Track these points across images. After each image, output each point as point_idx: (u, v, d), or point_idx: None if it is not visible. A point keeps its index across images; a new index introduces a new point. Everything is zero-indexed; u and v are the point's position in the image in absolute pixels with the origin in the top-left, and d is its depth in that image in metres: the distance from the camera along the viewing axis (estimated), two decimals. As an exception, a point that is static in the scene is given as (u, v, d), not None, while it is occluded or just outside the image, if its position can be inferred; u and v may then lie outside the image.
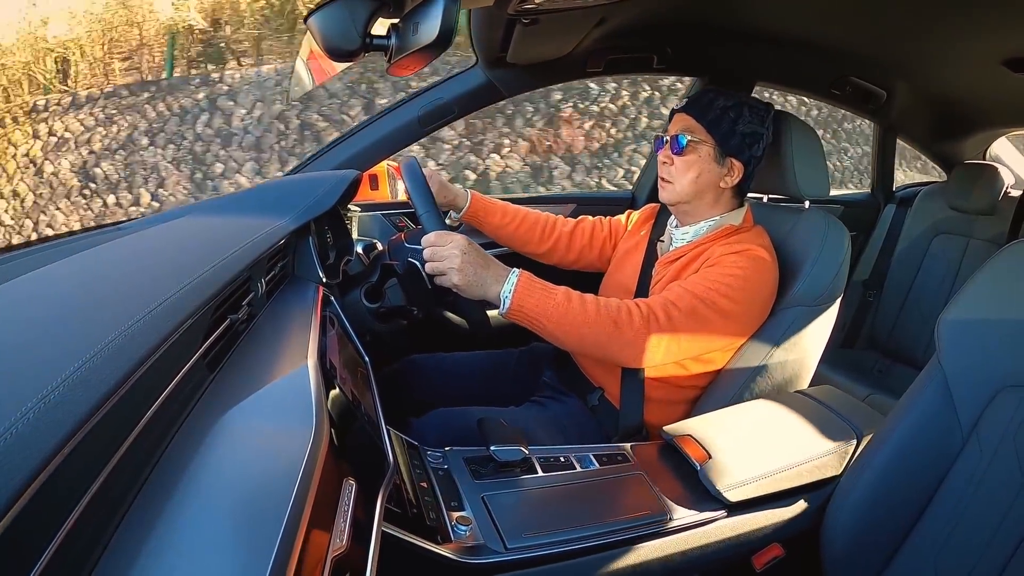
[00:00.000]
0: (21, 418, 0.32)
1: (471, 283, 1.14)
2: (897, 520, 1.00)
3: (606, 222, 1.63)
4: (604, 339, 1.16)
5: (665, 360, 1.22)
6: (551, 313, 1.15)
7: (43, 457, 0.31)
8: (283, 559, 0.39)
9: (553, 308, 1.15)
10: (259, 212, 1.04)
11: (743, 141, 1.29)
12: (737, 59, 1.82)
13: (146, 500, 0.42)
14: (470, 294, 1.16)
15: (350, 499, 0.55)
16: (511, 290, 1.15)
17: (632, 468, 1.09)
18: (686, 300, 1.19)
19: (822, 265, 1.28)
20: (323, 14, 0.86)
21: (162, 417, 0.49)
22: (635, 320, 1.16)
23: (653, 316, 1.17)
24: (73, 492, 0.36)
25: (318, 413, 0.56)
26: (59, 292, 0.61)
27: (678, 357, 1.24)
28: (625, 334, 1.16)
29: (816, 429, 1.14)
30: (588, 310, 1.15)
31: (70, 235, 1.33)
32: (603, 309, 1.16)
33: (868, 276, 2.56)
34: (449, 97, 1.69)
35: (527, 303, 1.15)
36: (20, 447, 0.31)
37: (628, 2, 1.22)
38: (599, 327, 1.15)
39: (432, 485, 0.96)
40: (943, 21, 1.45)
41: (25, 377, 0.37)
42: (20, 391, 0.34)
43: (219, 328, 0.67)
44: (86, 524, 0.36)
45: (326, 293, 1.02)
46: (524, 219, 1.59)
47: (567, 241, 1.60)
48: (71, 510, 0.35)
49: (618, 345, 1.17)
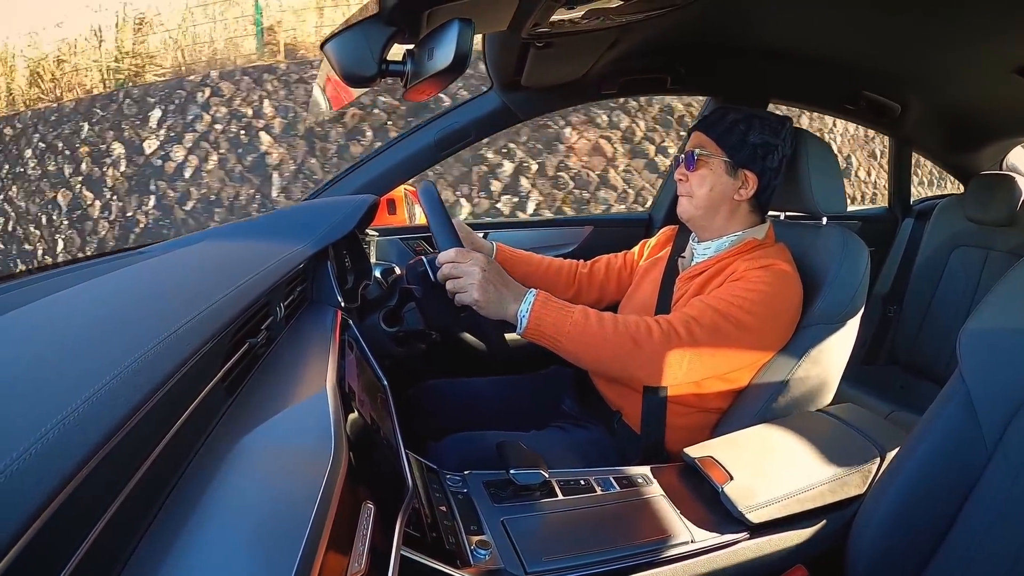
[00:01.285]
0: (41, 438, 0.32)
1: (490, 300, 1.14)
2: (923, 538, 0.98)
3: (620, 256, 1.64)
4: (623, 357, 1.15)
5: (686, 378, 1.20)
6: (569, 331, 1.15)
7: (62, 477, 0.31)
8: (301, 583, 0.38)
9: (571, 326, 1.14)
10: (278, 237, 1.05)
11: (755, 152, 1.29)
12: (750, 77, 1.83)
13: (164, 522, 0.42)
14: (488, 312, 1.16)
15: (369, 522, 0.55)
16: (528, 309, 1.15)
17: (653, 491, 1.07)
18: (708, 316, 1.18)
19: (842, 282, 1.27)
20: (339, 41, 0.88)
21: (181, 439, 0.49)
22: (655, 336, 1.15)
23: (674, 332, 1.16)
24: (92, 512, 0.36)
25: (336, 437, 0.56)
26: (83, 314, 0.62)
27: (700, 375, 1.22)
28: (645, 351, 1.15)
29: (838, 448, 1.12)
30: (606, 328, 1.15)
31: (94, 258, 1.35)
32: (622, 326, 1.15)
33: (888, 291, 2.53)
34: (465, 121, 1.71)
35: (545, 322, 1.15)
36: (40, 466, 0.31)
37: (641, 24, 1.23)
38: (618, 345, 1.14)
39: (451, 509, 0.95)
40: (955, 32, 1.44)
41: (47, 397, 0.37)
42: (41, 411, 0.35)
43: (238, 352, 0.67)
44: (104, 545, 0.36)
45: (345, 317, 1.02)
46: (548, 267, 1.60)
47: (587, 283, 1.61)
48: (90, 529, 0.35)
49: (637, 362, 1.16)
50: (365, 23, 0.86)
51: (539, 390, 1.57)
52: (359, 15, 0.88)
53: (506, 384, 1.59)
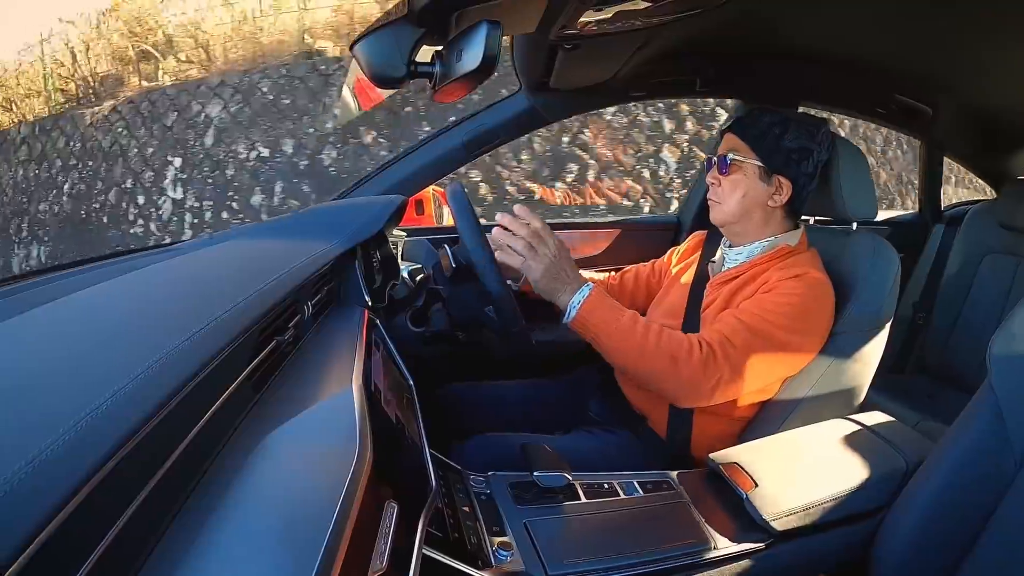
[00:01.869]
0: (69, 430, 0.33)
1: (549, 282, 1.17)
2: (949, 550, 0.96)
3: (648, 265, 1.64)
4: (659, 372, 1.15)
5: (713, 402, 1.19)
6: (613, 333, 1.15)
7: (90, 467, 0.32)
8: (323, 579, 0.39)
9: (616, 329, 1.15)
10: (307, 236, 1.06)
11: (789, 157, 1.27)
12: (780, 80, 1.80)
13: (189, 515, 0.43)
14: (540, 290, 1.19)
15: (391, 521, 0.55)
16: (581, 301, 1.16)
17: (676, 496, 1.06)
18: (742, 336, 1.16)
19: (872, 289, 1.24)
20: (368, 42, 0.88)
21: (207, 435, 0.49)
22: (693, 359, 1.14)
23: (712, 357, 1.14)
24: (118, 503, 0.36)
25: (361, 435, 0.56)
26: (113, 309, 0.63)
27: (729, 398, 1.21)
28: (681, 373, 1.14)
29: (865, 457, 1.10)
30: (649, 340, 1.14)
31: (125, 254, 1.38)
32: (664, 343, 1.15)
33: (918, 299, 2.47)
34: (494, 123, 1.71)
35: (592, 318, 1.16)
36: (68, 457, 0.32)
37: (670, 26, 1.22)
38: (656, 359, 1.14)
39: (474, 509, 0.95)
40: (987, 33, 1.41)
41: (75, 391, 0.38)
42: (69, 404, 0.35)
43: (265, 349, 0.68)
44: (129, 535, 0.36)
45: (371, 317, 1.03)
46: None
47: (618, 294, 1.61)
48: (116, 520, 0.35)
49: (673, 382, 1.15)
50: (394, 24, 0.86)
51: (565, 394, 1.56)
52: (388, 16, 0.88)
53: (532, 387, 1.59)
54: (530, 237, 1.18)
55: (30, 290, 1.00)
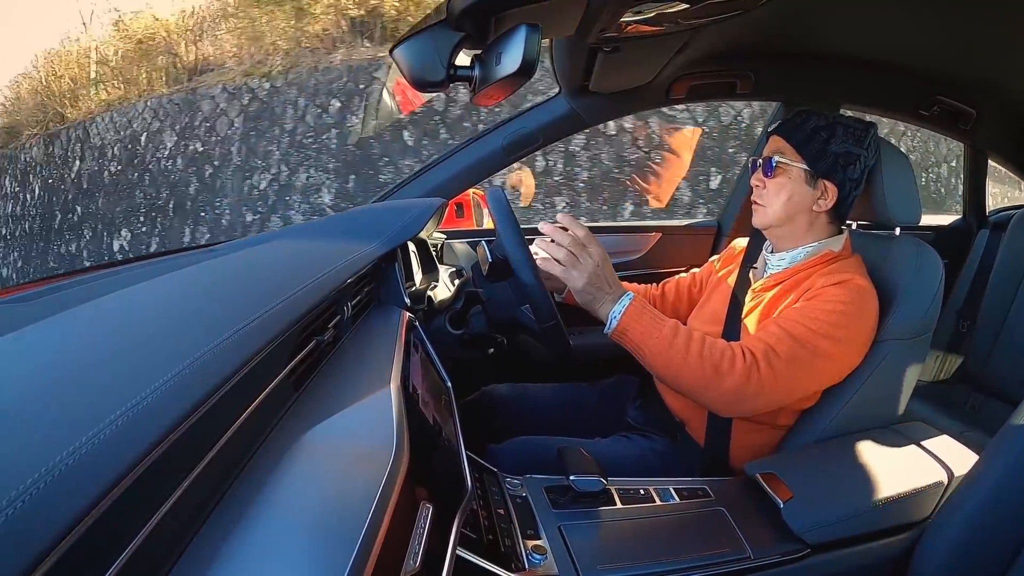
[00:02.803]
0: (110, 424, 0.34)
1: (590, 291, 1.16)
2: (991, 566, 0.93)
3: (688, 275, 1.62)
4: (702, 384, 1.13)
5: (755, 412, 1.18)
6: (653, 344, 1.13)
7: (130, 461, 0.33)
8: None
9: (657, 340, 1.13)
10: (347, 237, 1.08)
11: (835, 162, 1.23)
12: (821, 82, 1.77)
13: (226, 509, 0.44)
14: (580, 300, 1.18)
15: (426, 522, 0.55)
16: (621, 311, 1.15)
17: (712, 504, 1.05)
18: (785, 345, 1.13)
19: (915, 296, 1.21)
20: (408, 46, 0.89)
21: (247, 431, 0.50)
22: (736, 370, 1.11)
23: (755, 368, 1.12)
24: (157, 495, 0.37)
25: (399, 435, 0.56)
26: (157, 307, 0.64)
27: (772, 408, 1.19)
28: (724, 384, 1.11)
29: (905, 468, 1.08)
30: (692, 351, 1.12)
31: (168, 254, 1.41)
32: (707, 352, 1.12)
33: (961, 306, 2.39)
34: (533, 126, 1.71)
35: (632, 328, 1.14)
36: (109, 450, 0.33)
37: (709, 28, 1.21)
38: (699, 371, 1.12)
39: (509, 512, 0.95)
40: None
41: (118, 385, 0.39)
42: (112, 398, 0.36)
43: (305, 349, 0.69)
44: (167, 527, 0.37)
45: (411, 318, 1.04)
46: None
47: (659, 305, 1.59)
48: (153, 514, 0.36)
49: (715, 393, 1.13)
50: (433, 28, 0.87)
51: (603, 399, 1.55)
52: (427, 20, 0.89)
53: (570, 392, 1.58)
54: (572, 246, 1.17)
55: (77, 287, 1.03)
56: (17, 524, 0.27)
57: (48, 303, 0.93)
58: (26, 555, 0.26)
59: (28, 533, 0.27)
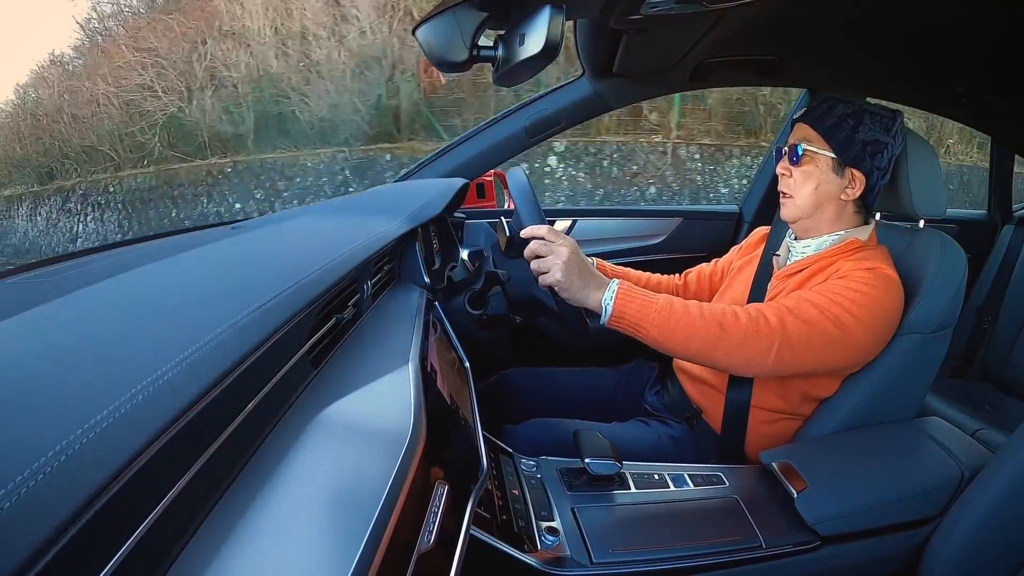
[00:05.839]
0: (130, 399, 0.35)
1: (573, 283, 1.14)
2: (1001, 564, 0.92)
3: (710, 265, 1.60)
4: (711, 342, 1.10)
5: (774, 370, 1.13)
6: (653, 318, 1.12)
7: (149, 435, 0.34)
8: (370, 552, 0.40)
9: (655, 313, 1.12)
10: (369, 216, 1.08)
11: (863, 150, 1.21)
12: (847, 70, 1.74)
13: (243, 485, 0.45)
14: (570, 295, 1.15)
15: (441, 500, 0.56)
16: (612, 297, 1.13)
17: (726, 491, 1.06)
18: (803, 307, 1.12)
19: (937, 290, 1.18)
20: (431, 26, 0.89)
21: (266, 407, 0.51)
22: (741, 321, 1.10)
23: (762, 318, 1.11)
24: (173, 471, 0.38)
25: (416, 414, 0.57)
26: (178, 283, 0.65)
27: (791, 367, 1.14)
28: (732, 335, 1.09)
29: (920, 464, 1.07)
30: (692, 313, 1.11)
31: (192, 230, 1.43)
32: (707, 312, 1.11)
33: (983, 302, 2.35)
34: (556, 108, 1.71)
35: (628, 309, 1.13)
36: (128, 425, 0.33)
37: (734, 11, 1.19)
38: (704, 330, 1.10)
39: (523, 492, 0.96)
40: None
41: (138, 362, 0.39)
42: (132, 374, 0.37)
43: (325, 326, 0.69)
44: (183, 503, 0.38)
45: (430, 298, 1.04)
46: (648, 282, 1.57)
47: (683, 295, 1.58)
48: (172, 487, 0.37)
49: (726, 348, 1.10)
50: (457, 8, 0.86)
51: (621, 383, 1.56)
52: (451, 1, 0.89)
53: (588, 375, 1.58)
54: (538, 245, 1.17)
55: (103, 262, 1.05)
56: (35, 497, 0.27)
57: (73, 277, 0.94)
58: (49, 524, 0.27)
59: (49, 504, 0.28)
